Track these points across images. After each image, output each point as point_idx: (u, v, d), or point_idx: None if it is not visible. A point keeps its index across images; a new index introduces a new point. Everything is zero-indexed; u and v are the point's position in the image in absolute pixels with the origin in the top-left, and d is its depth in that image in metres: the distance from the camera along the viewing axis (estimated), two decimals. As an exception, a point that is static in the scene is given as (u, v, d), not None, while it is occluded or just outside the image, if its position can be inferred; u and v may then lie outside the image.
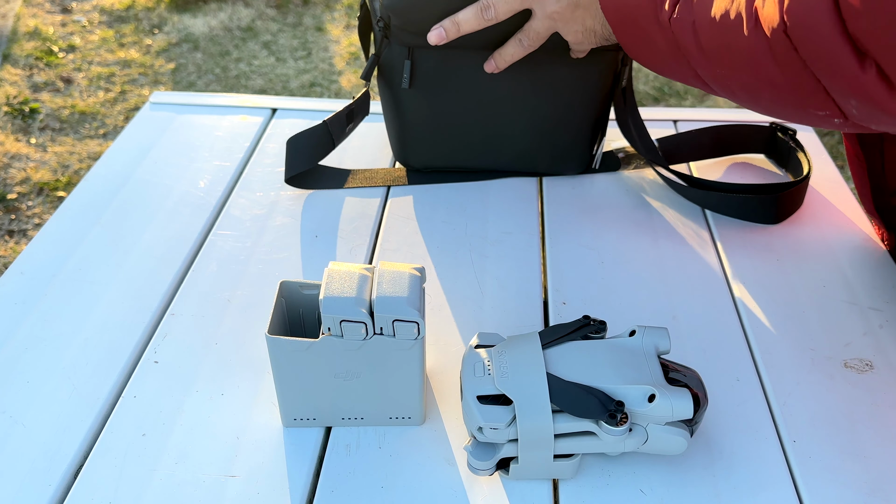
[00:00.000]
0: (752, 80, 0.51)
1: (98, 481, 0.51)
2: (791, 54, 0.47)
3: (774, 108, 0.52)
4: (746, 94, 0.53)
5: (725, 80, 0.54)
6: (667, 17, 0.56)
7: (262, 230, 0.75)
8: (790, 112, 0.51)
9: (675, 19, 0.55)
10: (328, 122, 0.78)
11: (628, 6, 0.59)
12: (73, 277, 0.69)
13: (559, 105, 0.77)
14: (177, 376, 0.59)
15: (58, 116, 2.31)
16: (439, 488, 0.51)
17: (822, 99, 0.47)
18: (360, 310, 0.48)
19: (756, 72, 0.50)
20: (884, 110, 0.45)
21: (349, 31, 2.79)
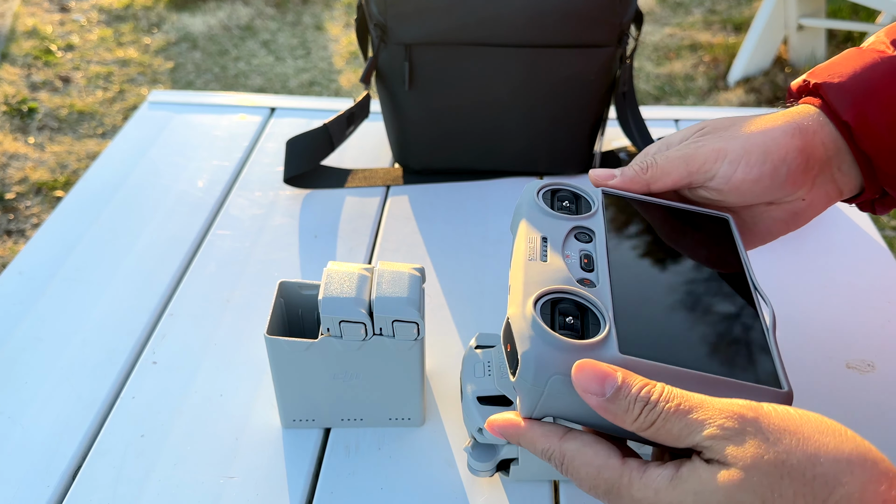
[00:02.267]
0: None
1: (96, 482, 0.51)
2: None
3: None
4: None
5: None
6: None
7: (261, 230, 0.74)
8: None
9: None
10: (328, 125, 0.78)
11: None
12: (72, 277, 0.69)
13: (559, 105, 0.76)
14: (175, 377, 0.59)
15: (56, 116, 2.31)
16: (439, 489, 0.51)
17: None
18: (360, 310, 0.48)
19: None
20: None
21: (348, 30, 2.79)
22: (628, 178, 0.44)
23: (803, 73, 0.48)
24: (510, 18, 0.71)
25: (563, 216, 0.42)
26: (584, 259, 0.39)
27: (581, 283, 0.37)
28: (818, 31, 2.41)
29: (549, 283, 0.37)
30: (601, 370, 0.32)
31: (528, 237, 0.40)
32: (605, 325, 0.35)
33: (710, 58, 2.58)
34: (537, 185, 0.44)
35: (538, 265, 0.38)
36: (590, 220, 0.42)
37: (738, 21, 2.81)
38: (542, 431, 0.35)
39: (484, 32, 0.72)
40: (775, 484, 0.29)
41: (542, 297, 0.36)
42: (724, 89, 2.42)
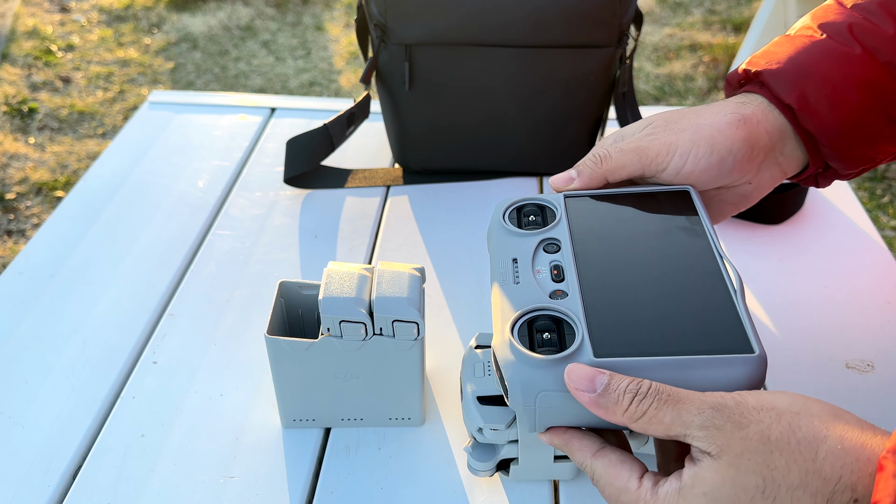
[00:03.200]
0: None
1: (97, 482, 0.51)
2: None
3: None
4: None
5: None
6: None
7: (261, 230, 0.74)
8: None
9: None
10: (328, 125, 0.78)
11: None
12: (72, 277, 0.69)
13: (558, 105, 0.76)
14: (176, 377, 0.59)
15: (56, 116, 2.31)
16: (439, 489, 0.51)
17: None
18: (360, 310, 0.48)
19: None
20: None
21: (348, 30, 2.79)
22: (587, 177, 0.47)
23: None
24: (510, 19, 0.71)
25: (529, 233, 0.45)
26: (553, 271, 0.41)
27: (554, 296, 0.40)
28: (818, 32, 2.41)
29: (522, 304, 0.39)
30: (591, 370, 0.35)
31: (500, 261, 0.43)
32: (579, 334, 0.37)
33: (709, 58, 2.58)
34: (503, 204, 0.47)
35: (511, 288, 0.41)
36: (555, 229, 0.44)
37: (737, 21, 2.81)
38: (579, 445, 0.38)
39: (484, 33, 0.72)
40: (768, 460, 0.31)
41: (517, 321, 0.39)
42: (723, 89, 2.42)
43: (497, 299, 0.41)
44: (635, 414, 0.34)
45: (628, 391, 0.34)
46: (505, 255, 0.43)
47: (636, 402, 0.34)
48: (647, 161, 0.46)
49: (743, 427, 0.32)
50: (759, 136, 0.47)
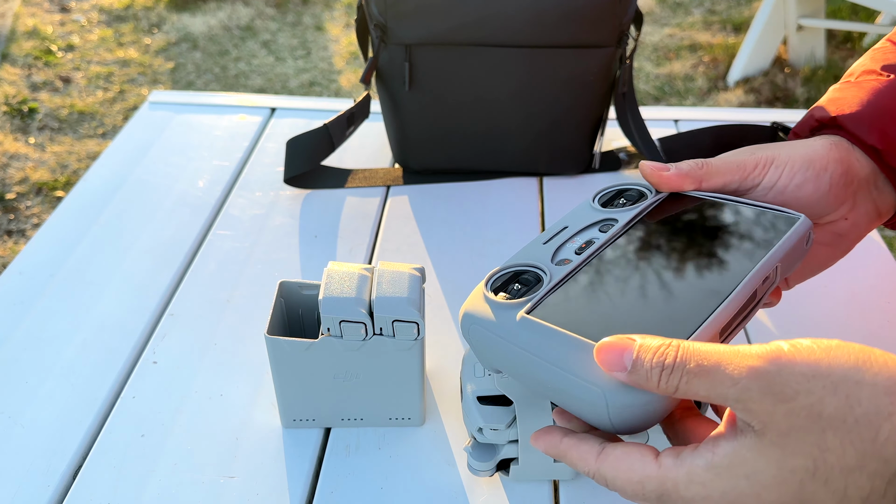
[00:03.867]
0: None
1: (97, 482, 0.51)
2: None
3: None
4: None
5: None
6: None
7: (262, 230, 0.74)
8: None
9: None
10: (328, 125, 0.78)
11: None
12: (72, 277, 0.69)
13: (558, 105, 0.76)
14: (176, 377, 0.59)
15: (56, 116, 2.31)
16: (439, 489, 0.51)
17: None
18: (360, 310, 0.48)
19: None
20: None
21: (349, 30, 2.79)
22: (683, 172, 0.44)
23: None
24: (510, 19, 0.71)
25: (602, 209, 0.44)
26: (583, 244, 0.41)
27: (559, 263, 0.40)
28: (818, 32, 2.41)
29: (522, 259, 0.41)
30: (618, 344, 0.32)
31: (554, 224, 0.44)
32: (539, 292, 0.38)
33: (709, 58, 2.58)
34: (602, 189, 0.47)
35: (535, 245, 0.42)
36: (626, 212, 0.43)
37: (737, 21, 2.81)
38: (579, 454, 0.35)
39: (484, 33, 0.72)
40: (819, 440, 0.28)
41: (501, 270, 0.40)
42: (723, 89, 2.42)
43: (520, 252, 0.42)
44: (668, 389, 0.31)
45: (655, 365, 0.31)
46: (563, 221, 0.44)
47: (664, 377, 0.30)
48: (745, 172, 0.45)
49: (788, 400, 0.28)
50: (852, 162, 0.46)
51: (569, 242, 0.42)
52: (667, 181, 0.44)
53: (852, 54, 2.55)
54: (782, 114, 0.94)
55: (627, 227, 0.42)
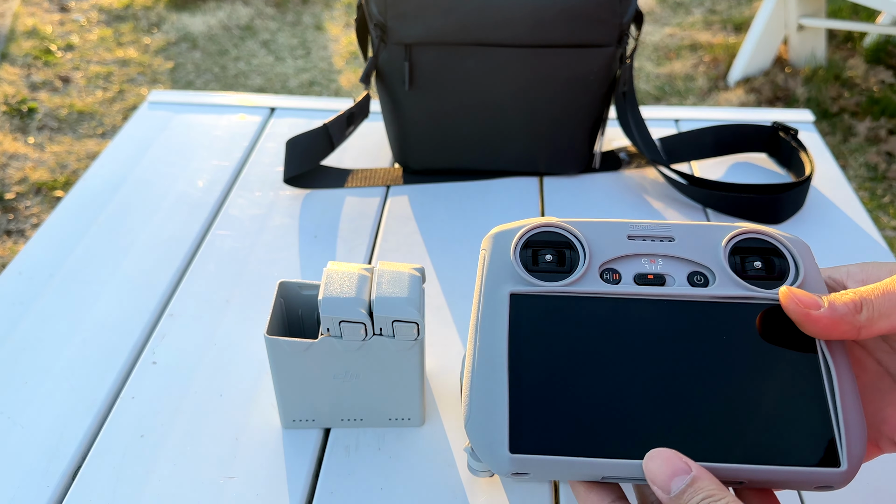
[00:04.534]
0: None
1: (96, 482, 0.51)
2: None
3: None
4: None
5: None
6: None
7: (261, 230, 0.74)
8: None
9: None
10: (328, 125, 0.78)
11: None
12: (71, 277, 0.69)
13: (558, 105, 0.76)
14: (175, 377, 0.59)
15: (56, 116, 2.31)
16: (439, 490, 0.51)
17: None
18: (360, 310, 0.48)
19: None
20: None
21: (348, 30, 2.79)
22: (838, 315, 0.33)
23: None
24: (510, 18, 0.71)
25: (721, 253, 0.36)
26: (651, 276, 0.35)
27: (608, 276, 0.35)
28: (818, 31, 2.41)
29: (589, 231, 0.36)
30: (675, 461, 0.30)
31: (668, 224, 0.37)
32: (582, 264, 0.35)
33: (710, 58, 2.58)
34: (753, 231, 0.37)
35: (615, 230, 0.36)
36: (744, 288, 0.35)
37: (738, 21, 2.81)
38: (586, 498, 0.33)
39: (484, 32, 0.72)
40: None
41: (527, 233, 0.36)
42: (724, 89, 2.42)
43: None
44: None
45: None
46: (675, 231, 0.37)
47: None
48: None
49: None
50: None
51: (646, 259, 0.35)
52: (816, 324, 0.33)
53: (853, 54, 2.55)
54: (783, 114, 0.94)
55: (720, 304, 0.34)
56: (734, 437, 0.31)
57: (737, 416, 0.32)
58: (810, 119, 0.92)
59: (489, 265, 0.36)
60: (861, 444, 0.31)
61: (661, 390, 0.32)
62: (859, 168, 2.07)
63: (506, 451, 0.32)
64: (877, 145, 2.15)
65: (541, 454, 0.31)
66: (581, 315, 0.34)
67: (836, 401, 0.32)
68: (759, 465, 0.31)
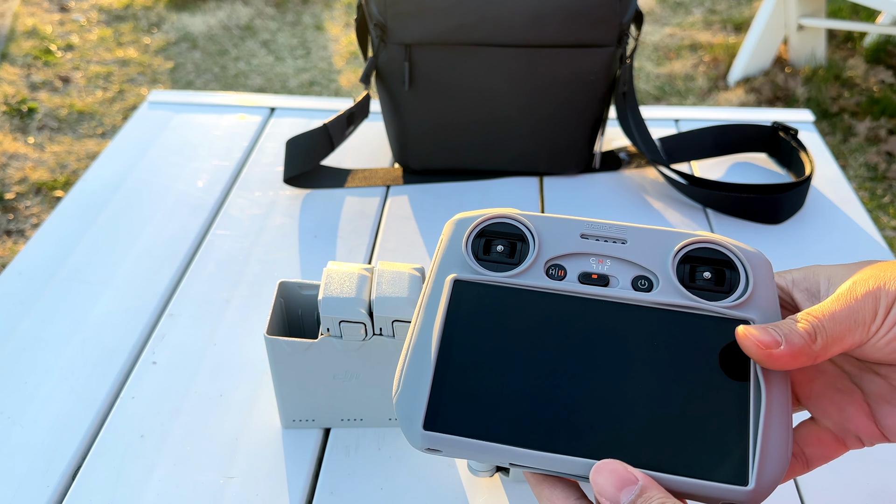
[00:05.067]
0: None
1: (96, 482, 0.51)
2: None
3: None
4: None
5: None
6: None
7: (261, 230, 0.74)
8: None
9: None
10: (328, 125, 0.78)
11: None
12: (71, 277, 0.69)
13: (559, 105, 0.76)
14: (175, 377, 0.59)
15: (56, 116, 2.31)
16: (439, 490, 0.51)
17: None
18: (360, 310, 0.48)
19: None
20: None
21: (348, 30, 2.79)
22: (796, 349, 0.33)
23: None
24: (510, 18, 0.71)
25: (671, 262, 0.35)
26: (595, 275, 0.35)
27: (553, 271, 0.35)
28: (818, 31, 2.41)
29: (540, 224, 0.37)
30: (624, 474, 0.30)
31: (619, 226, 0.37)
32: (530, 253, 0.35)
33: (710, 58, 2.58)
34: (700, 239, 0.36)
35: (566, 227, 0.36)
36: (681, 295, 0.35)
37: (738, 21, 2.81)
38: (549, 495, 0.33)
39: (484, 32, 0.72)
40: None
41: (485, 222, 0.37)
42: (724, 89, 2.42)
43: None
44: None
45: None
46: (626, 234, 0.36)
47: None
48: (865, 330, 0.33)
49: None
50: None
51: (594, 258, 0.35)
52: (776, 362, 0.33)
53: (853, 54, 2.55)
54: (783, 113, 0.94)
55: (660, 311, 0.34)
56: (648, 442, 0.32)
57: (655, 422, 0.32)
58: (810, 119, 0.92)
59: (444, 250, 0.37)
60: (778, 467, 0.31)
61: (584, 389, 0.33)
62: (859, 168, 2.07)
63: (419, 427, 0.32)
64: (877, 145, 2.15)
65: (453, 434, 0.32)
66: (519, 307, 0.35)
67: (759, 420, 0.32)
68: (669, 473, 0.31)
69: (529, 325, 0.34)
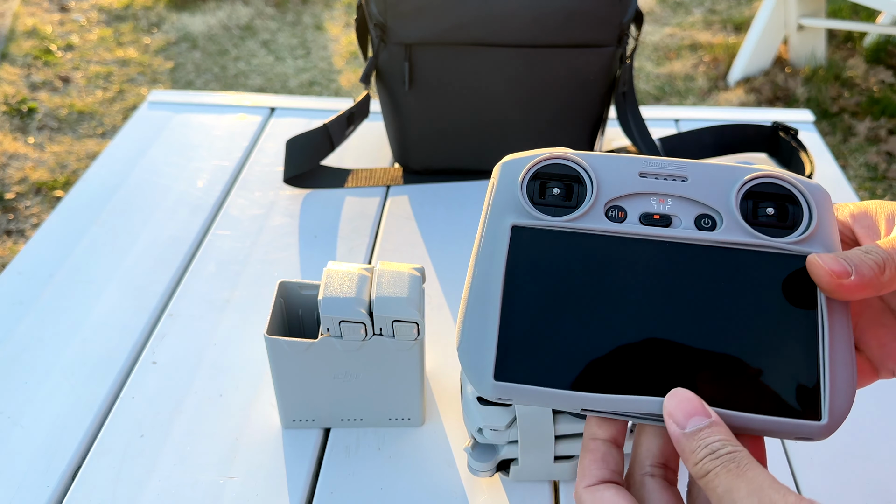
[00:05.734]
0: None
1: (96, 482, 0.51)
2: None
3: None
4: None
5: None
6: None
7: (261, 230, 0.74)
8: None
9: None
10: (328, 124, 0.78)
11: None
12: (71, 277, 0.69)
13: (558, 105, 0.76)
14: (175, 377, 0.59)
15: (56, 116, 2.31)
16: (439, 490, 0.51)
17: None
18: (360, 310, 0.48)
19: None
20: None
21: (348, 30, 2.79)
22: (865, 280, 0.33)
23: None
24: (510, 18, 0.71)
25: (734, 197, 0.35)
26: (658, 216, 0.35)
27: (613, 214, 0.34)
28: (818, 31, 2.41)
29: (599, 165, 0.35)
30: (695, 405, 0.31)
31: (679, 162, 0.36)
32: (589, 197, 0.34)
33: (710, 58, 2.58)
34: (765, 173, 0.36)
35: (626, 165, 0.35)
36: (750, 235, 0.34)
37: (738, 21, 2.81)
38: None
39: (484, 32, 0.72)
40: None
41: (535, 166, 0.35)
42: (724, 89, 2.42)
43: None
44: (699, 471, 0.30)
45: (708, 446, 0.30)
46: (687, 169, 0.35)
47: (707, 459, 0.29)
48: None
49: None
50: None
51: (655, 198, 0.34)
52: (845, 292, 0.33)
53: (853, 54, 2.55)
54: (783, 113, 0.94)
55: (725, 249, 0.34)
56: (719, 381, 0.32)
57: (725, 361, 0.32)
58: (810, 119, 0.92)
59: (496, 194, 0.36)
60: (846, 401, 0.31)
61: (651, 331, 0.33)
62: (859, 168, 2.07)
63: (490, 378, 0.32)
64: (877, 145, 2.15)
65: (524, 383, 0.32)
66: (581, 252, 0.34)
67: (825, 354, 0.32)
68: (741, 412, 0.31)
69: (592, 269, 0.34)
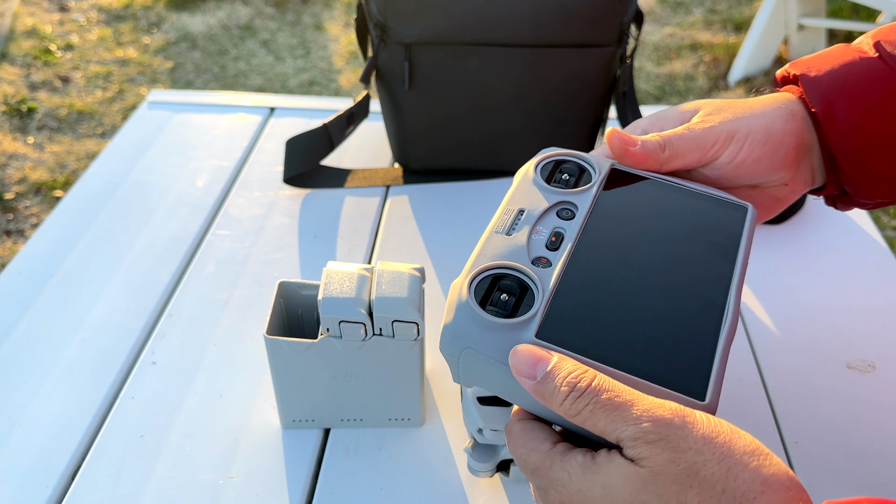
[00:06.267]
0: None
1: (96, 483, 0.51)
2: None
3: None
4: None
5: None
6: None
7: (261, 230, 0.74)
8: None
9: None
10: (328, 124, 0.78)
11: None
12: (71, 277, 0.69)
13: (559, 104, 0.76)
14: (175, 377, 0.59)
15: (55, 115, 2.31)
16: (439, 490, 0.51)
17: None
18: (359, 310, 0.48)
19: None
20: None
21: (348, 30, 2.79)
22: (648, 152, 0.42)
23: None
24: (510, 18, 0.71)
25: (553, 189, 0.41)
26: (552, 237, 0.39)
27: (536, 262, 0.37)
28: (818, 31, 2.41)
29: (497, 258, 0.37)
30: (534, 354, 0.33)
31: (507, 208, 0.40)
32: (535, 307, 0.35)
33: (710, 57, 2.58)
34: (543, 153, 0.44)
35: (500, 238, 0.38)
36: (581, 195, 0.41)
37: (738, 21, 2.81)
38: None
39: (484, 32, 0.72)
40: (681, 492, 0.29)
41: (482, 273, 0.36)
42: (724, 89, 2.42)
43: (479, 244, 0.38)
44: (570, 411, 0.32)
45: (566, 384, 0.32)
46: (515, 203, 0.40)
47: (571, 398, 0.31)
48: (703, 151, 0.43)
49: (677, 451, 0.30)
50: (804, 132, 0.44)
51: (534, 235, 0.39)
52: (631, 158, 0.43)
53: (852, 54, 2.55)
54: (783, 113, 0.94)
55: (588, 216, 0.40)
56: (633, 344, 0.34)
57: (644, 325, 0.35)
58: (810, 119, 0.92)
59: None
60: (719, 387, 0.34)
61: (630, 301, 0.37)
62: (859, 168, 2.07)
63: (531, 335, 0.34)
64: (877, 145, 2.15)
65: (562, 347, 0.34)
66: None
67: (722, 338, 0.35)
68: (633, 375, 0.33)
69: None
